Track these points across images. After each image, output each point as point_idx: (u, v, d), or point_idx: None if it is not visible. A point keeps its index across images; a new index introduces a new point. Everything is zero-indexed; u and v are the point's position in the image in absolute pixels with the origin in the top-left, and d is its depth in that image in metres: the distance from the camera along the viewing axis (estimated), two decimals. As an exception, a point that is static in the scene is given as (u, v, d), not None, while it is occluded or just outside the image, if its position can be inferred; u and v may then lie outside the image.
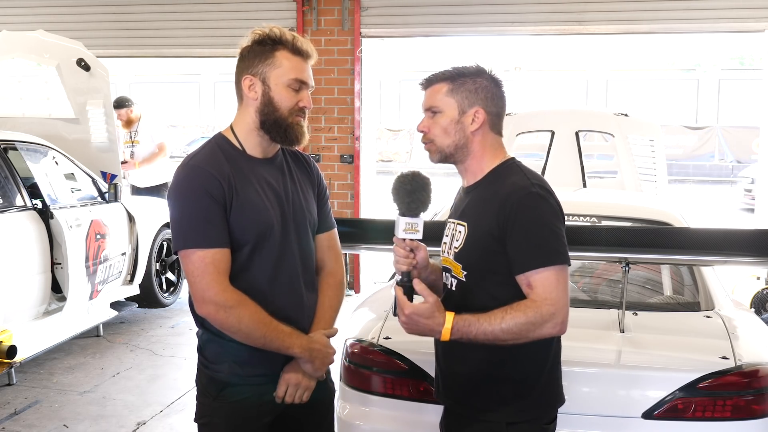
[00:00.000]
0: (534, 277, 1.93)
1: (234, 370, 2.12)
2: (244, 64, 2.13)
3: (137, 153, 7.77)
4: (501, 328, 1.91)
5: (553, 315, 1.92)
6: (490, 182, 2.07)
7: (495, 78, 2.09)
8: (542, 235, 1.95)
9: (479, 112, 2.05)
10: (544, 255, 1.94)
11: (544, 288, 1.92)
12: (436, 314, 1.96)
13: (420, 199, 2.05)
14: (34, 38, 6.10)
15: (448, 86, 2.07)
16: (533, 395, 2.06)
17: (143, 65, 22.42)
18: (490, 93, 2.06)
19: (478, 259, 2.03)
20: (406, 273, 2.07)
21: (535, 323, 1.91)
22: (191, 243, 2.03)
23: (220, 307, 2.02)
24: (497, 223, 1.97)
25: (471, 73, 2.07)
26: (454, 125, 2.06)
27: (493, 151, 2.10)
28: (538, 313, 1.91)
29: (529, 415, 2.06)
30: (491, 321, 1.92)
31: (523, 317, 1.91)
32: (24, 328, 4.77)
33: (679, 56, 24.23)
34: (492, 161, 2.09)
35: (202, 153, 2.12)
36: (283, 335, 2.08)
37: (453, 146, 2.08)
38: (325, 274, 2.30)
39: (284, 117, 2.10)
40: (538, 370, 2.05)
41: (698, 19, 6.77)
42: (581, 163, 4.88)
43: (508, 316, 1.91)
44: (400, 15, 7.26)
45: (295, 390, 2.15)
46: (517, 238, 1.95)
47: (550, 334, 1.95)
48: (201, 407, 2.20)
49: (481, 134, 2.07)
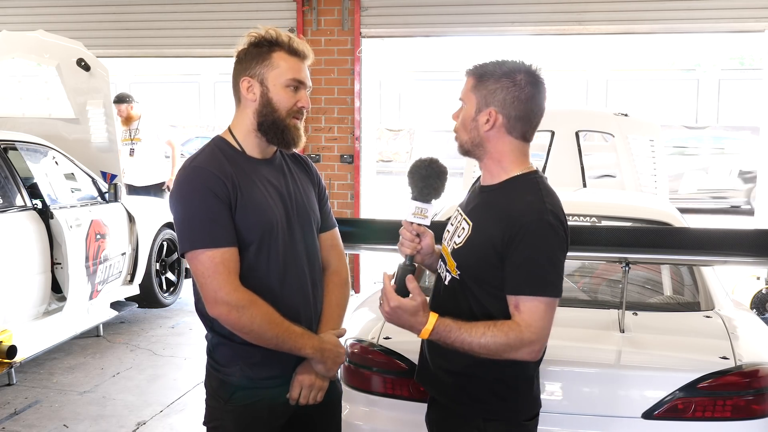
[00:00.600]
0: (523, 302, 1.92)
1: (245, 373, 2.11)
2: (242, 67, 2.13)
3: (138, 151, 7.78)
4: (479, 342, 1.92)
5: (532, 342, 1.92)
6: (506, 191, 2.03)
7: (530, 80, 2.00)
8: (542, 265, 1.93)
9: (493, 113, 2.00)
10: (538, 284, 1.93)
11: (531, 315, 1.92)
12: (420, 313, 1.96)
13: (433, 185, 2.05)
14: (34, 38, 6.10)
15: (474, 81, 2.04)
16: (509, 396, 2.06)
17: (143, 65, 22.40)
18: (511, 96, 1.98)
19: (474, 265, 2.02)
20: (409, 257, 2.07)
21: (513, 346, 1.91)
22: (199, 243, 2.01)
23: (233, 307, 2.00)
24: (501, 238, 1.95)
25: (498, 73, 2.00)
26: (470, 122, 2.04)
27: (514, 157, 2.04)
28: (519, 338, 1.91)
29: (505, 414, 2.06)
30: (471, 333, 1.92)
31: (504, 338, 1.91)
32: (24, 328, 4.77)
33: (679, 56, 24.20)
34: (512, 168, 2.04)
35: (203, 155, 2.12)
36: (295, 336, 2.07)
37: (470, 142, 2.06)
38: (330, 273, 2.30)
39: (282, 118, 2.10)
40: (515, 374, 2.04)
41: (698, 19, 6.77)
42: (581, 163, 4.88)
43: (489, 333, 1.91)
44: (400, 15, 7.25)
45: (309, 391, 2.14)
46: (517, 260, 1.93)
47: (523, 358, 1.94)
48: (211, 411, 2.19)
49: (496, 136, 2.02)
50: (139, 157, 7.81)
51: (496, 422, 2.05)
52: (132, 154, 7.74)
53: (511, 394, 2.06)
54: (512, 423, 2.07)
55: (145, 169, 7.84)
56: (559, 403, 2.64)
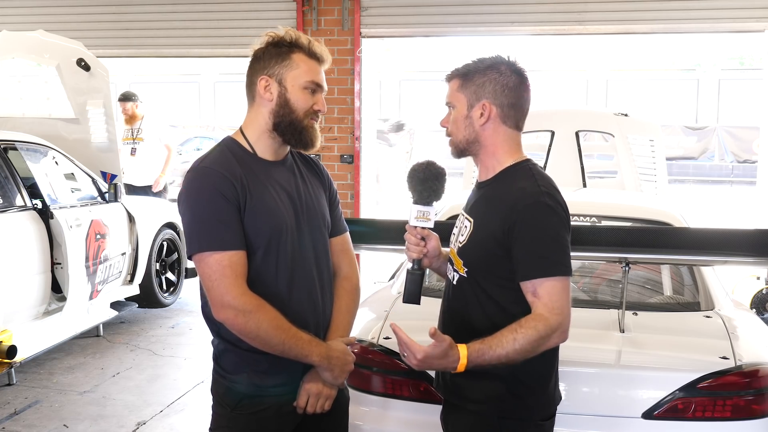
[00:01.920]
0: (540, 286, 1.92)
1: (252, 381, 2.08)
2: (259, 65, 2.10)
3: (140, 150, 7.78)
4: (515, 349, 1.89)
5: (560, 324, 1.92)
6: (501, 182, 2.05)
7: (513, 69, 2.05)
8: (548, 245, 1.94)
9: (486, 105, 2.03)
10: (549, 265, 1.93)
11: (550, 297, 1.92)
12: (449, 353, 1.91)
13: (432, 188, 2.07)
14: (34, 38, 6.10)
15: (459, 81, 2.07)
16: (525, 394, 2.05)
17: (143, 65, 22.40)
18: (500, 85, 2.02)
19: (480, 259, 2.03)
20: (416, 261, 2.08)
21: (545, 336, 1.91)
22: (206, 246, 1.98)
23: (239, 311, 1.97)
24: (502, 228, 1.96)
25: (482, 67, 2.05)
26: (464, 120, 2.06)
27: (508, 147, 2.07)
28: (548, 325, 1.90)
29: (521, 413, 2.05)
30: (503, 344, 1.90)
31: (535, 333, 1.89)
32: (24, 328, 4.77)
33: (679, 56, 24.20)
34: (506, 158, 2.07)
35: (212, 156, 2.09)
36: (302, 343, 2.03)
37: (465, 141, 2.08)
38: (340, 279, 2.26)
39: (300, 119, 2.08)
40: (529, 370, 2.03)
41: (698, 19, 6.77)
42: (581, 163, 4.88)
43: (519, 335, 1.89)
44: (400, 15, 7.26)
45: (316, 400, 2.11)
46: (523, 245, 1.94)
47: (555, 344, 1.95)
48: (217, 417, 2.16)
49: (491, 128, 2.05)
50: (141, 157, 7.79)
51: (512, 421, 2.04)
52: (133, 154, 7.73)
53: (527, 393, 2.05)
54: (527, 422, 2.06)
55: (145, 169, 7.83)
56: (560, 403, 2.64)
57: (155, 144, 7.87)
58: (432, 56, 22.71)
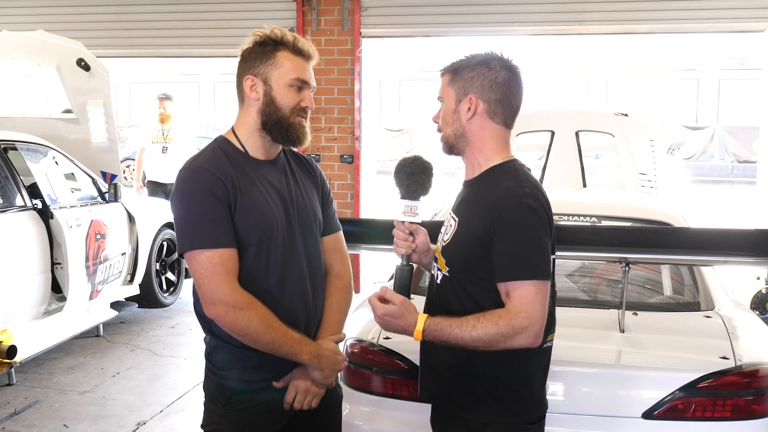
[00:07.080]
0: (512, 288, 1.91)
1: (243, 377, 2.10)
2: (246, 65, 2.12)
3: (171, 149, 8.01)
4: (471, 335, 1.91)
5: (525, 328, 1.89)
6: (486, 181, 2.04)
7: (504, 65, 2.04)
8: (526, 247, 1.92)
9: (473, 99, 2.02)
10: (525, 268, 1.91)
11: (520, 300, 1.90)
12: (405, 315, 1.97)
13: (419, 182, 2.06)
14: (34, 38, 6.10)
15: (450, 76, 2.08)
16: (508, 399, 2.04)
17: (143, 65, 22.41)
18: (488, 80, 2.02)
19: (462, 259, 2.02)
20: (405, 257, 2.07)
21: (505, 335, 1.89)
22: (197, 244, 2.00)
23: (230, 308, 1.99)
24: (484, 227, 1.95)
25: (473, 63, 2.05)
26: (452, 114, 2.06)
27: (495, 144, 2.06)
28: (510, 325, 1.89)
29: (505, 418, 2.04)
30: (462, 327, 1.92)
31: (494, 328, 1.89)
32: (24, 328, 4.77)
33: (679, 56, 24.20)
34: (492, 157, 2.06)
35: (204, 155, 2.11)
36: (292, 341, 2.05)
37: (453, 136, 2.08)
38: (332, 278, 2.27)
39: (286, 117, 2.10)
40: (513, 375, 2.03)
41: (698, 19, 6.77)
42: (581, 163, 4.88)
43: (479, 324, 1.90)
44: (400, 15, 7.26)
45: (304, 396, 2.12)
46: (502, 246, 1.93)
47: (521, 345, 1.92)
48: (209, 414, 2.18)
49: (478, 123, 2.04)
50: (172, 156, 7.99)
51: (497, 425, 2.03)
52: (165, 152, 7.98)
53: (511, 397, 2.04)
54: (514, 426, 2.05)
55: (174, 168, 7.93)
56: (560, 403, 2.64)
57: (184, 145, 8.09)
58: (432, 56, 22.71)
